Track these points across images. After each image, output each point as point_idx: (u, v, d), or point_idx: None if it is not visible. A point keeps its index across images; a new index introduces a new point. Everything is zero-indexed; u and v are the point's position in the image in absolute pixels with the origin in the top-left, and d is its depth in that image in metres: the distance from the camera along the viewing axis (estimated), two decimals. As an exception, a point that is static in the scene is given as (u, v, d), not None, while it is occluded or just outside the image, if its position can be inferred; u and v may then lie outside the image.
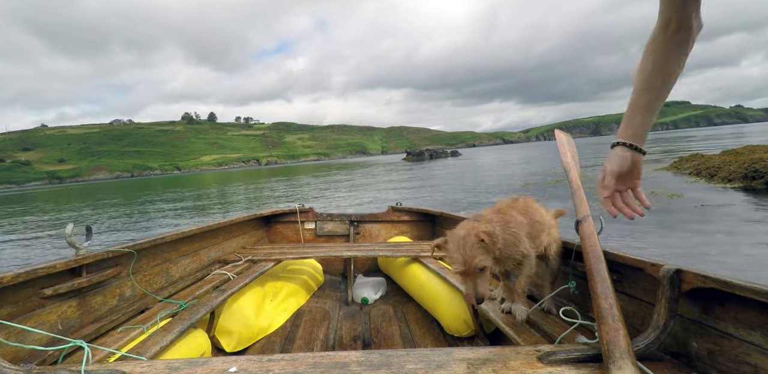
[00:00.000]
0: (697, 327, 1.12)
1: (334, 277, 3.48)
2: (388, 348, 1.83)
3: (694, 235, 5.33)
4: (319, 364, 1.15)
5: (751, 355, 0.96)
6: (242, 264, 2.63)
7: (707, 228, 5.61)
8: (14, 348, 1.30)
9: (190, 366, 1.18)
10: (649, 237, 5.47)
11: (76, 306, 1.65)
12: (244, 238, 3.29)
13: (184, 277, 2.35)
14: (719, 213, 6.44)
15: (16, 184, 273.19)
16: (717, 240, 4.93)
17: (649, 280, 1.27)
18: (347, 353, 1.23)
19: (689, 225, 5.85)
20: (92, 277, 1.71)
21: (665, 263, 1.18)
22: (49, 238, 10.64)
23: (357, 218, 3.77)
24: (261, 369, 1.13)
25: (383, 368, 1.12)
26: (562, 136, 1.90)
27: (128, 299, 1.92)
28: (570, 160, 1.72)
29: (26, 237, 11.15)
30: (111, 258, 1.85)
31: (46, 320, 1.51)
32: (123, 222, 12.84)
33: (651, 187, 9.80)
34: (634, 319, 1.34)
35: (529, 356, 1.11)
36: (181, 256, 2.42)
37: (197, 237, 2.59)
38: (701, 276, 1.04)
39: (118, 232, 10.60)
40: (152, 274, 2.13)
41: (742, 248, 4.44)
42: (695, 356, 1.11)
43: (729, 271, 1.35)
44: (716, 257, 4.07)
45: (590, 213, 1.55)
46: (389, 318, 2.54)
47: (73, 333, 1.55)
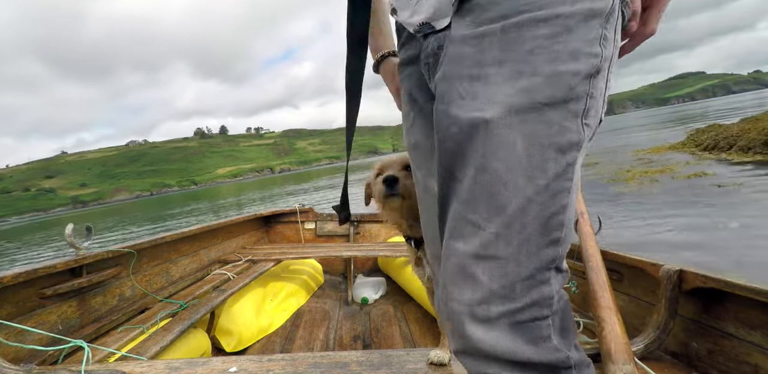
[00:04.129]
0: (697, 327, 1.12)
1: (334, 277, 3.48)
2: (388, 348, 1.83)
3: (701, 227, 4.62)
4: (319, 364, 1.15)
5: (751, 355, 0.97)
6: (242, 264, 2.64)
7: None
8: (14, 348, 1.31)
9: (190, 366, 1.19)
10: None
11: (77, 306, 1.66)
12: (244, 238, 3.30)
13: (184, 277, 2.35)
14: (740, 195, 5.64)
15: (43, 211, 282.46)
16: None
17: (649, 280, 1.27)
18: (347, 353, 1.23)
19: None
20: (92, 277, 1.72)
21: (665, 263, 1.18)
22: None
23: (357, 218, 3.76)
24: (261, 369, 1.14)
25: (383, 368, 1.12)
26: None
27: (128, 299, 1.93)
28: None
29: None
30: (111, 259, 1.86)
31: (46, 320, 1.52)
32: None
33: (664, 163, 9.44)
34: (634, 319, 1.34)
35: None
36: (181, 256, 2.43)
37: (197, 237, 2.60)
38: (701, 276, 1.04)
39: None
40: (152, 274, 2.14)
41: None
42: (695, 356, 1.11)
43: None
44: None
45: (589, 212, 1.53)
46: (389, 318, 2.54)
47: (73, 333, 1.56)
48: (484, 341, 0.52)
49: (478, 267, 0.54)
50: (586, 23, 0.53)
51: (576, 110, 0.53)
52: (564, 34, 0.53)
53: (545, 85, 0.53)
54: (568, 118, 0.53)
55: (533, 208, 0.53)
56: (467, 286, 0.55)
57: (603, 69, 0.55)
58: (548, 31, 0.53)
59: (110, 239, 13.66)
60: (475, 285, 0.54)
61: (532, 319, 0.52)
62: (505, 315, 0.52)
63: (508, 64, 0.55)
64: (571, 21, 0.53)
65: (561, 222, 0.55)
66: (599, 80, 0.55)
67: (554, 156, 0.53)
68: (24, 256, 13.23)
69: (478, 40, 0.57)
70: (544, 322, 0.53)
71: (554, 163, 0.53)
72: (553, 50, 0.53)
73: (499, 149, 0.54)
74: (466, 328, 0.54)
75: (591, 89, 0.54)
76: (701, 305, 1.11)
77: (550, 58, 0.53)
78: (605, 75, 0.56)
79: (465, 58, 0.58)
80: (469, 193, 0.56)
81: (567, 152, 0.54)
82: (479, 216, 0.55)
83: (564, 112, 0.53)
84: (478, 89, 0.56)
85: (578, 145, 0.54)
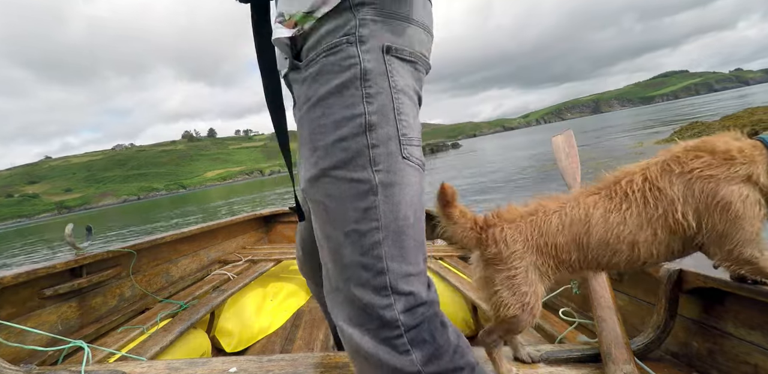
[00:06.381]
0: (697, 327, 1.11)
1: None
2: None
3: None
4: (319, 364, 1.15)
5: (752, 355, 0.96)
6: (242, 264, 2.64)
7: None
8: (14, 348, 1.30)
9: (190, 366, 1.18)
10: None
11: (77, 306, 1.65)
12: (244, 238, 3.28)
13: (184, 277, 2.35)
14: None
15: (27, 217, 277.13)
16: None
17: (649, 280, 1.27)
18: (347, 353, 1.24)
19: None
20: (92, 278, 1.72)
21: (665, 263, 1.17)
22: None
23: None
24: (261, 370, 1.13)
25: None
26: (558, 141, 1.80)
27: (128, 299, 1.92)
28: (566, 165, 1.65)
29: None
30: (111, 259, 1.86)
31: (46, 320, 1.52)
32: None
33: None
34: (634, 319, 1.34)
35: (528, 356, 1.11)
36: (181, 256, 2.42)
37: (197, 238, 2.59)
38: (701, 276, 1.03)
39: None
40: (152, 274, 2.13)
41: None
42: (695, 356, 1.11)
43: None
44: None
45: None
46: None
47: (73, 334, 1.56)
48: (362, 345, 0.67)
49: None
50: (341, 94, 0.65)
51: (362, 164, 0.65)
52: (327, 110, 0.67)
53: (326, 155, 0.66)
54: (356, 171, 0.65)
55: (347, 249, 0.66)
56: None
57: (384, 114, 0.66)
58: (319, 112, 0.68)
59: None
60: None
61: (387, 338, 0.64)
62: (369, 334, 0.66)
63: (304, 145, 0.72)
64: (330, 99, 0.66)
65: (378, 256, 0.65)
66: (381, 128, 0.66)
67: (351, 205, 0.65)
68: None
69: (299, 124, 0.76)
70: (399, 340, 0.64)
71: (353, 211, 0.65)
72: (322, 125, 0.67)
73: (313, 214, 0.72)
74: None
75: (372, 141, 0.65)
76: (701, 305, 1.11)
77: (322, 132, 0.67)
78: (391, 114, 0.67)
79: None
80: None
81: (363, 199, 0.65)
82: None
83: (348, 170, 0.65)
84: (300, 169, 0.75)
85: (373, 190, 0.65)
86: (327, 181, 0.66)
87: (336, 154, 0.65)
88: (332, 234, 0.67)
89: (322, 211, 0.68)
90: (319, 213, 0.69)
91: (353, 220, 0.65)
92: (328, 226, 0.68)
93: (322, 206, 0.68)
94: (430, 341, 0.65)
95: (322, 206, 0.68)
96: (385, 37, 0.67)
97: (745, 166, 0.78)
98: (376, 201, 0.65)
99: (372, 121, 0.65)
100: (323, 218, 0.68)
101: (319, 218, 0.69)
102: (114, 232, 17.49)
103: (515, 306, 0.87)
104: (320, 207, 0.68)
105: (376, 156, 0.65)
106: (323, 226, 0.69)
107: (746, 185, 0.78)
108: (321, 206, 0.68)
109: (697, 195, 0.79)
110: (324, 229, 0.69)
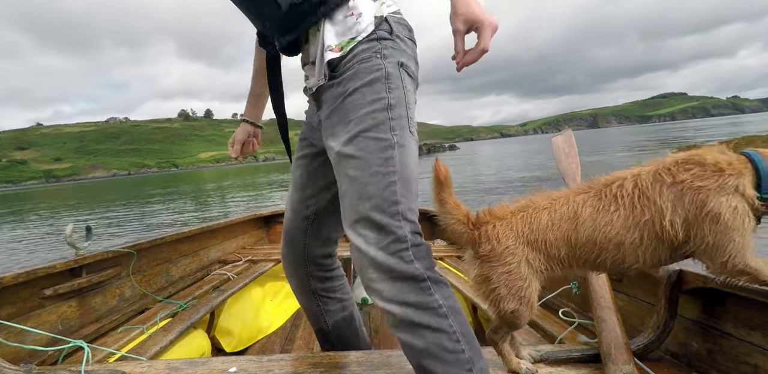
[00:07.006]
0: (697, 327, 1.12)
1: None
2: (388, 348, 1.83)
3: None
4: (319, 364, 1.15)
5: (751, 355, 0.97)
6: (242, 264, 2.63)
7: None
8: (14, 348, 1.30)
9: (190, 366, 1.18)
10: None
11: (76, 306, 1.65)
12: (244, 238, 3.27)
13: (184, 277, 2.34)
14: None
15: (13, 183, 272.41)
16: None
17: (648, 280, 1.27)
18: (347, 353, 1.23)
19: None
20: (92, 277, 1.71)
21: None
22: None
23: None
24: (261, 369, 1.14)
25: (383, 368, 1.12)
26: (558, 141, 1.77)
27: (128, 299, 1.92)
28: (566, 166, 1.63)
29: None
30: (111, 259, 1.85)
31: (46, 320, 1.51)
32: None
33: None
34: (634, 319, 1.34)
35: (529, 356, 1.12)
36: (181, 256, 2.41)
37: (197, 238, 2.59)
38: (701, 277, 1.03)
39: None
40: (152, 274, 2.12)
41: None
42: (695, 356, 1.11)
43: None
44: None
45: None
46: None
47: (73, 334, 1.55)
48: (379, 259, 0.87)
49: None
50: (372, 86, 0.92)
51: (384, 129, 0.91)
52: (362, 95, 0.92)
53: (360, 122, 0.92)
54: (381, 133, 0.90)
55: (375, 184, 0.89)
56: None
57: (399, 101, 0.93)
58: (357, 96, 0.93)
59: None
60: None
61: (396, 251, 0.86)
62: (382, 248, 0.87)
63: (338, 123, 0.96)
64: (364, 88, 0.93)
65: (394, 191, 0.89)
66: (397, 109, 0.92)
67: (377, 155, 0.90)
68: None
69: (331, 113, 0.99)
70: (406, 253, 0.86)
71: (378, 159, 0.90)
72: (358, 104, 0.92)
73: (342, 167, 0.95)
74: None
75: (391, 115, 0.92)
76: (701, 305, 1.12)
77: (358, 108, 0.92)
78: (404, 102, 0.94)
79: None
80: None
81: (385, 151, 0.90)
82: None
83: (376, 132, 0.91)
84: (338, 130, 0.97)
85: (392, 146, 0.90)
86: (360, 139, 0.90)
87: (367, 121, 0.91)
88: (360, 177, 0.89)
89: (354, 160, 0.90)
90: (351, 164, 0.91)
91: (378, 165, 0.89)
92: (358, 171, 0.90)
93: (354, 158, 0.91)
94: (427, 258, 0.89)
95: (354, 158, 0.91)
96: (398, 57, 0.97)
97: (734, 178, 0.80)
98: (394, 153, 0.90)
99: (392, 103, 0.92)
100: (354, 166, 0.90)
101: (351, 167, 0.91)
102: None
103: (513, 300, 0.91)
104: (352, 159, 0.91)
105: (394, 125, 0.91)
106: (353, 172, 0.91)
107: (735, 196, 0.80)
108: (353, 158, 0.91)
109: (686, 205, 0.82)
110: (352, 175, 0.91)
